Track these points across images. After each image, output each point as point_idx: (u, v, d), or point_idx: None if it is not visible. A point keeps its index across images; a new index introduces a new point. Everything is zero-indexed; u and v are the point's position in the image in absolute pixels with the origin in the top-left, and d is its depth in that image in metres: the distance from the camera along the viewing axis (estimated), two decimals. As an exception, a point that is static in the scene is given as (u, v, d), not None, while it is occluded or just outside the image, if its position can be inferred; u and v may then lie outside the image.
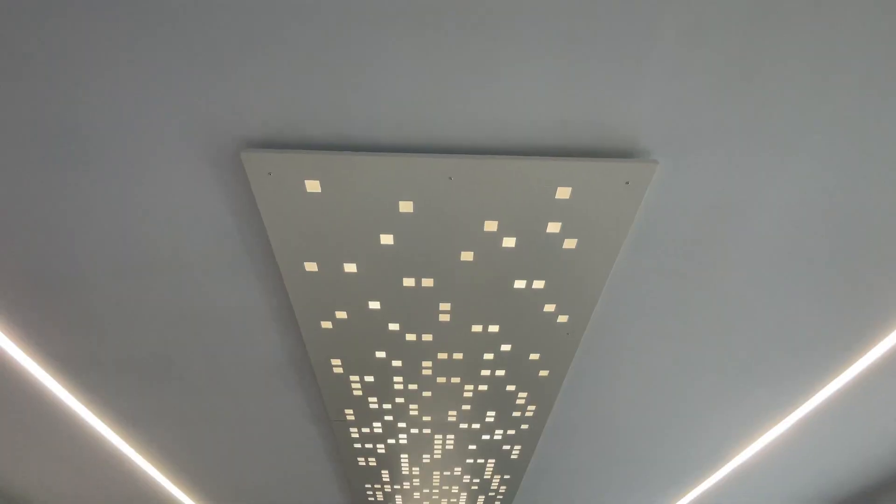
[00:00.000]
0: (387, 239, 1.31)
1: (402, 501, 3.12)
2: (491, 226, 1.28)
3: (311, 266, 1.39)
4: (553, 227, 1.28)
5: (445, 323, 1.65)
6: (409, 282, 1.47)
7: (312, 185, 1.16)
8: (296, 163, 1.11)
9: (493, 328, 1.68)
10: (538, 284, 1.48)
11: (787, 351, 1.92)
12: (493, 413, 2.20)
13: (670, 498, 3.16)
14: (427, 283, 1.47)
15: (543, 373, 1.91)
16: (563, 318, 1.62)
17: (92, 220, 1.36)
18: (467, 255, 1.37)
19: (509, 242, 1.33)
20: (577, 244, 1.33)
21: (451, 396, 2.07)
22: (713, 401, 2.21)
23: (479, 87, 1.05)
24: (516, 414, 2.20)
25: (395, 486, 2.92)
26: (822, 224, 1.40)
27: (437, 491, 2.99)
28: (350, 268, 1.40)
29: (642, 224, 1.39)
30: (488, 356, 1.82)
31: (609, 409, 2.29)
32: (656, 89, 1.05)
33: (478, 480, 2.86)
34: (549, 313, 1.60)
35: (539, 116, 1.10)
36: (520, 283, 1.48)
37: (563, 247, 1.33)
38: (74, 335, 1.78)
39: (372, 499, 3.07)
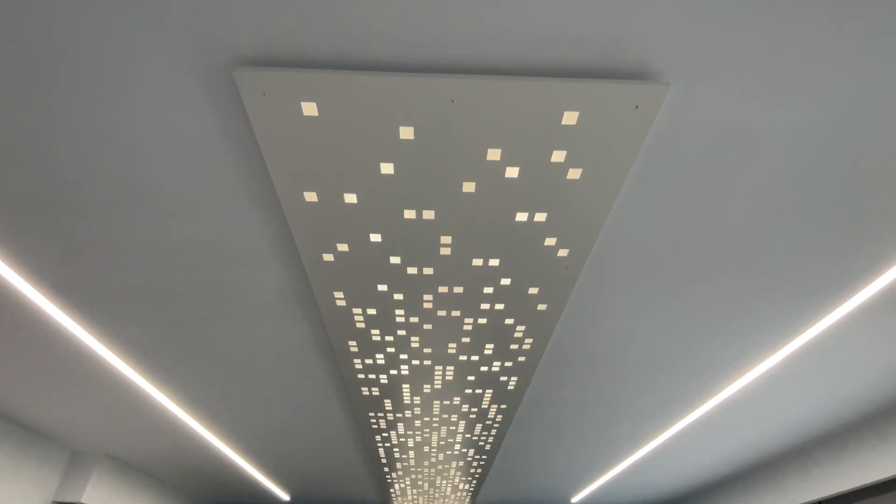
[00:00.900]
0: (387, 168, 1.26)
1: (404, 428, 3.25)
2: (494, 154, 1.22)
3: (310, 196, 1.35)
4: (558, 156, 1.23)
5: (446, 257, 1.63)
6: (409, 214, 1.43)
7: (309, 108, 1.10)
8: (291, 82, 1.04)
9: (494, 262, 1.66)
10: (540, 217, 1.44)
11: (782, 288, 1.91)
12: (491, 346, 2.24)
13: (659, 427, 3.28)
14: (428, 215, 1.44)
15: (542, 306, 1.92)
16: (563, 252, 1.60)
17: (81, 145, 1.30)
18: (469, 186, 1.33)
19: (512, 172, 1.28)
20: (582, 174, 1.28)
21: (451, 329, 2.10)
22: (706, 336, 2.24)
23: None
24: (514, 347, 2.24)
25: (398, 415, 3.03)
26: (830, 158, 1.34)
27: (437, 419, 3.11)
28: (350, 198, 1.36)
29: (649, 153, 1.34)
30: (488, 290, 1.82)
31: (604, 343, 2.33)
32: (671, 5, 0.96)
33: (476, 410, 2.96)
34: (550, 247, 1.57)
35: (547, 32, 1.02)
36: (521, 216, 1.44)
37: (567, 177, 1.28)
38: (75, 265, 1.77)
39: (375, 426, 3.19)
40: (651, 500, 5.34)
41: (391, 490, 4.93)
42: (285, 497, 5.29)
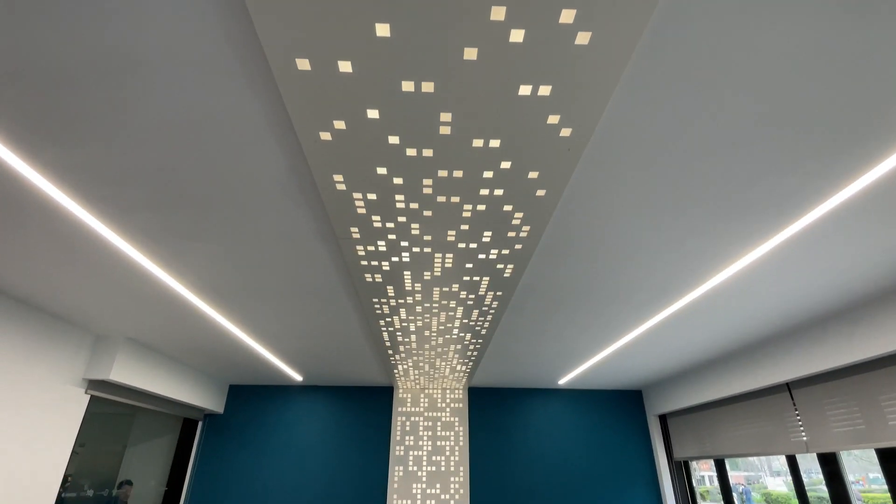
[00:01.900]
0: (383, 29, 1.16)
1: (406, 314, 3.41)
2: (498, 13, 1.12)
3: (303, 63, 1.26)
4: (566, 17, 1.12)
5: (446, 136, 1.58)
6: (408, 86, 1.36)
7: (296, -46, 0.98)
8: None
9: (494, 143, 1.61)
10: (544, 91, 1.37)
11: (773, 182, 1.89)
12: (489, 233, 2.26)
13: (648, 312, 3.45)
14: (427, 87, 1.36)
15: (540, 192, 1.90)
16: (565, 132, 1.55)
17: (59, 11, 1.19)
18: (471, 53, 1.24)
19: (517, 36, 1.18)
20: (591, 39, 1.18)
21: (451, 216, 2.10)
22: (701, 223, 2.26)
23: None
24: (511, 234, 2.26)
25: (400, 301, 3.16)
26: (831, 63, 1.24)
27: (436, 305, 3.25)
28: (345, 66, 1.27)
29: (661, 20, 1.23)
30: (488, 174, 1.79)
31: (600, 232, 2.35)
32: None
33: (473, 296, 3.08)
34: (552, 126, 1.51)
35: None
36: (525, 90, 1.37)
37: (576, 42, 1.19)
38: (72, 144, 1.72)
39: (379, 311, 3.35)
40: (633, 381, 5.82)
41: (395, 371, 5.33)
42: (298, 378, 5.73)
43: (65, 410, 3.69)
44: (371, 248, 2.39)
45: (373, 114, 1.46)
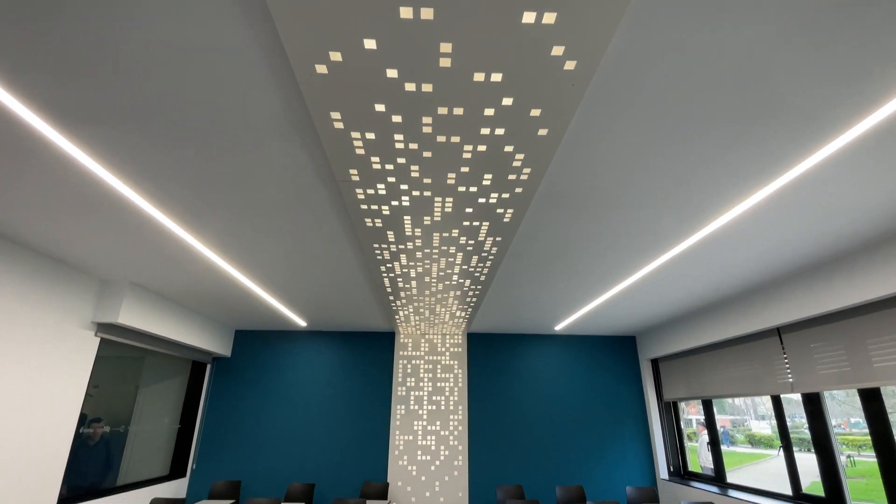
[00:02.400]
0: (380, -54, 1.09)
1: (406, 259, 3.43)
2: (502, -73, 1.04)
3: (296, -14, 1.19)
4: (574, -69, 1.05)
5: (446, 69, 1.52)
6: (406, 12, 1.29)
7: None
8: None
9: (496, 77, 1.55)
10: (549, 18, 1.30)
11: (778, 118, 1.84)
12: (489, 176, 2.23)
13: (645, 259, 3.47)
14: (426, 14, 1.29)
15: (542, 131, 1.86)
16: (570, 65, 1.49)
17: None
18: (472, -26, 1.17)
19: (521, -45, 1.11)
20: (600, -43, 1.11)
21: (451, 157, 2.06)
22: (703, 167, 2.22)
23: None
24: (512, 177, 2.23)
25: (400, 246, 3.17)
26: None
27: (436, 251, 3.26)
28: (340, -11, 1.20)
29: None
30: (489, 112, 1.74)
31: (601, 176, 2.32)
32: None
33: (472, 242, 3.09)
34: (556, 58, 1.45)
35: None
36: (528, 17, 1.30)
37: (583, -39, 1.12)
38: (63, 80, 1.66)
39: (380, 257, 3.37)
40: (627, 327, 5.95)
41: (396, 317, 5.43)
42: (302, 323, 5.86)
43: (77, 353, 3.80)
44: (371, 191, 2.37)
45: (370, 44, 1.40)
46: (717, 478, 5.07)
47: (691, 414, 6.41)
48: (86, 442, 4.13)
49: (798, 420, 4.29)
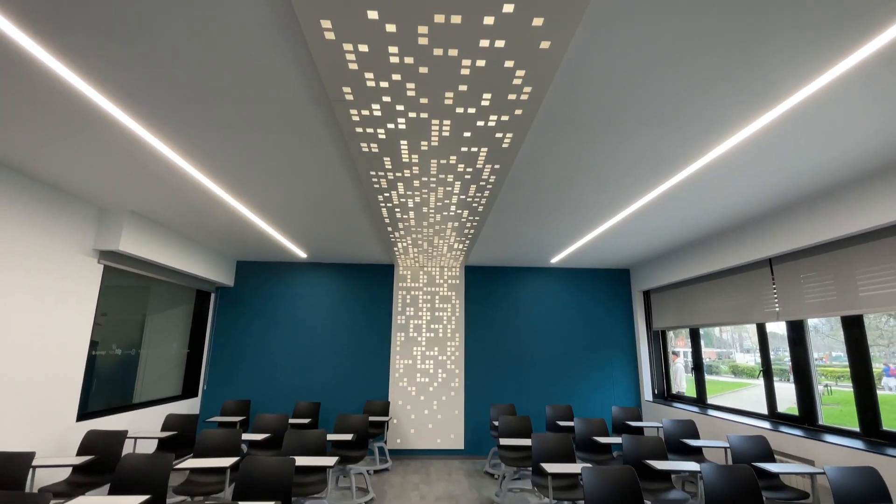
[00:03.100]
0: None
1: (404, 188, 3.38)
2: None
3: None
4: None
5: (443, -31, 1.40)
6: None
7: None
8: None
9: (497, -21, 1.43)
10: None
11: (786, 36, 1.72)
12: (488, 96, 2.14)
13: (646, 189, 3.42)
14: None
15: (544, 44, 1.75)
16: (576, -35, 1.37)
17: None
18: None
19: None
20: None
21: (448, 74, 1.96)
22: (709, 87, 2.12)
23: None
24: (512, 97, 2.14)
25: (397, 174, 3.11)
26: None
27: (434, 179, 3.21)
28: None
29: None
30: (488, 20, 1.62)
31: (602, 95, 2.22)
32: None
33: (471, 170, 3.03)
34: (563, -45, 1.33)
35: None
36: None
37: None
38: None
39: (377, 185, 3.32)
40: (622, 260, 6.02)
41: (395, 248, 5.47)
42: (303, 254, 5.91)
43: (82, 280, 3.85)
44: (365, 111, 2.28)
45: (360, -64, 1.27)
46: (699, 400, 5.36)
47: (679, 347, 6.64)
48: (99, 363, 4.31)
49: (781, 353, 4.45)
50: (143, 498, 2.46)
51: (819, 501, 3.35)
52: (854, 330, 3.47)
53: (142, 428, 4.68)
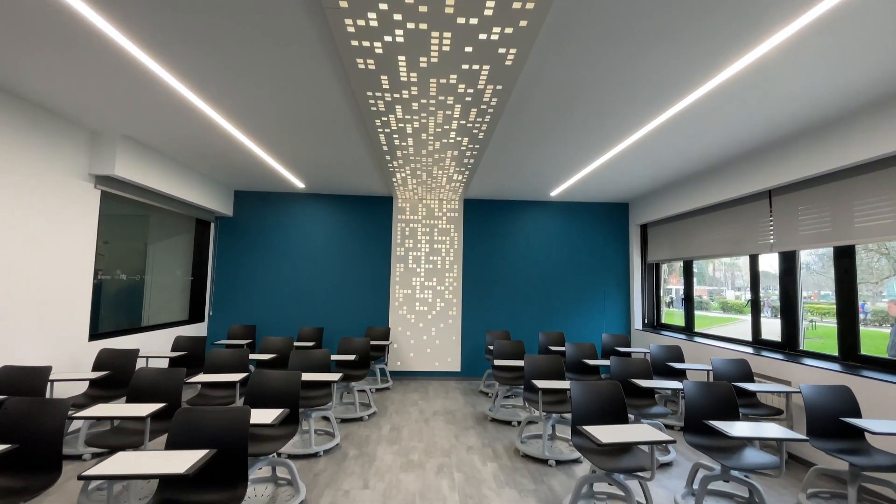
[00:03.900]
0: None
1: (402, 111, 3.27)
2: None
3: None
4: None
5: None
6: None
7: None
8: None
9: None
10: None
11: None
12: (492, 4, 2.00)
13: (649, 115, 3.31)
14: None
15: (554, -60, 1.60)
16: None
17: None
18: None
19: None
20: None
21: (449, -23, 1.82)
22: (715, 13, 1.99)
23: None
24: (517, 5, 2.00)
25: (395, 95, 2.99)
26: None
27: (433, 102, 3.09)
28: None
29: None
30: None
31: (615, 9, 2.08)
32: None
33: (472, 91, 2.91)
34: None
35: None
36: None
37: None
38: None
39: (374, 108, 3.20)
40: (621, 194, 5.97)
41: (393, 179, 5.39)
42: (301, 185, 5.84)
43: (80, 205, 3.82)
44: (361, 21, 2.14)
45: None
46: (687, 329, 5.55)
47: (672, 284, 6.76)
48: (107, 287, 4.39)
49: (771, 291, 4.53)
50: (159, 406, 2.61)
51: (791, 417, 3.57)
52: (845, 260, 3.51)
53: (152, 349, 4.86)
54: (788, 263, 4.08)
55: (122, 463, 1.82)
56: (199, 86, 2.97)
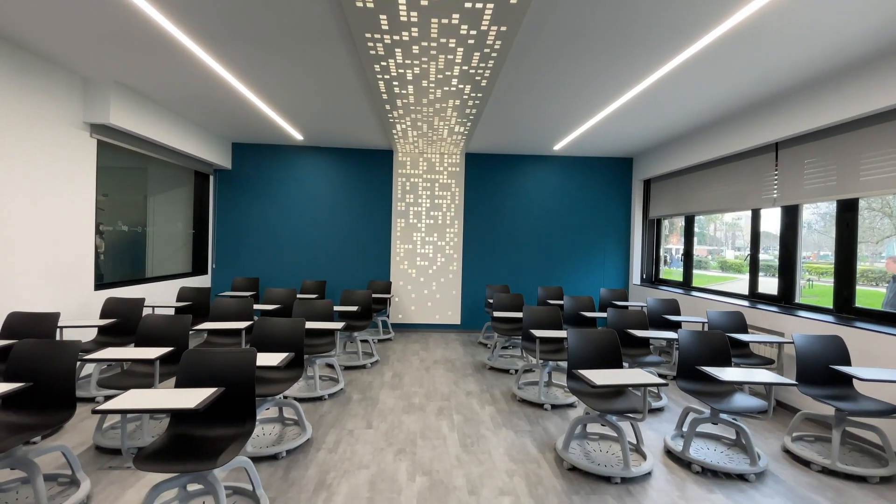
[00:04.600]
0: None
1: (402, 56, 3.15)
2: None
3: None
4: None
5: None
6: None
7: None
8: None
9: None
10: None
11: None
12: (497, -68, 1.88)
13: (657, 62, 3.19)
14: None
15: None
16: None
17: None
18: None
19: None
20: None
21: None
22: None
23: None
24: (523, -67, 1.88)
25: (395, 37, 2.87)
26: None
27: (434, 45, 2.97)
28: None
29: None
30: None
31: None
32: None
33: (474, 32, 2.79)
34: None
35: None
36: None
37: None
38: None
39: (373, 52, 3.08)
40: (626, 148, 5.86)
41: (393, 132, 5.28)
42: (299, 136, 5.72)
43: (77, 154, 3.76)
44: (359, -48, 2.02)
45: None
46: (685, 283, 5.60)
47: (672, 244, 6.74)
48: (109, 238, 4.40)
49: (771, 252, 4.52)
50: (167, 350, 2.67)
51: (782, 367, 3.67)
52: (848, 213, 3.49)
53: (156, 299, 4.93)
54: (790, 219, 4.06)
55: (135, 399, 1.88)
56: (191, 29, 2.85)
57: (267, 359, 2.54)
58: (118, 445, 2.67)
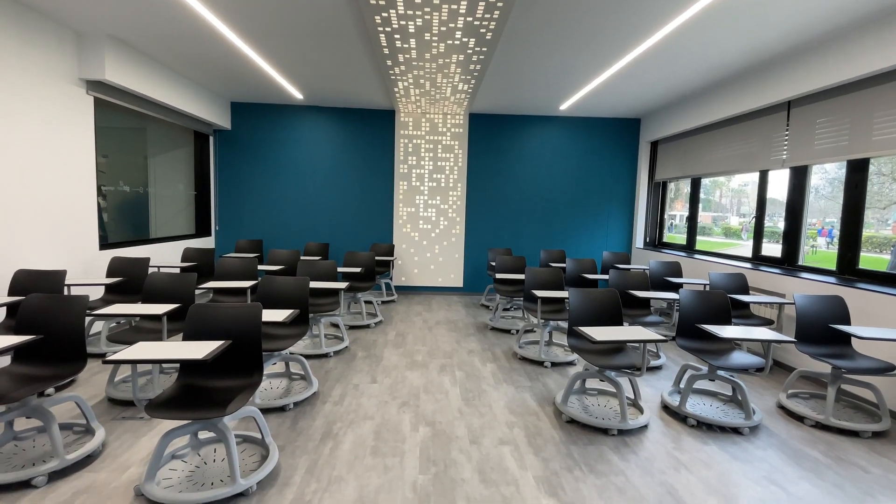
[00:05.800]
0: None
1: (404, 5, 3.02)
2: None
3: None
4: None
5: None
6: None
7: None
8: None
9: None
10: None
11: None
12: None
13: (677, 9, 3.06)
14: None
15: None
16: None
17: None
18: None
19: None
20: None
21: None
22: None
23: None
24: None
25: (396, -15, 2.75)
26: None
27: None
28: None
29: None
30: None
31: None
32: None
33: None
34: None
35: None
36: None
37: None
38: None
39: (374, 2, 2.96)
40: (633, 109, 5.71)
41: (395, 90, 5.15)
42: (299, 95, 5.59)
43: (74, 112, 3.69)
44: None
45: None
46: (688, 246, 5.58)
47: (676, 210, 6.67)
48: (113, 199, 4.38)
49: (776, 219, 4.46)
50: (174, 306, 2.71)
51: (782, 328, 3.70)
52: (857, 174, 3.43)
53: (161, 260, 4.97)
54: (798, 180, 3.99)
55: (144, 350, 1.92)
56: (183, -27, 2.73)
57: (273, 315, 2.57)
58: (130, 397, 2.75)
